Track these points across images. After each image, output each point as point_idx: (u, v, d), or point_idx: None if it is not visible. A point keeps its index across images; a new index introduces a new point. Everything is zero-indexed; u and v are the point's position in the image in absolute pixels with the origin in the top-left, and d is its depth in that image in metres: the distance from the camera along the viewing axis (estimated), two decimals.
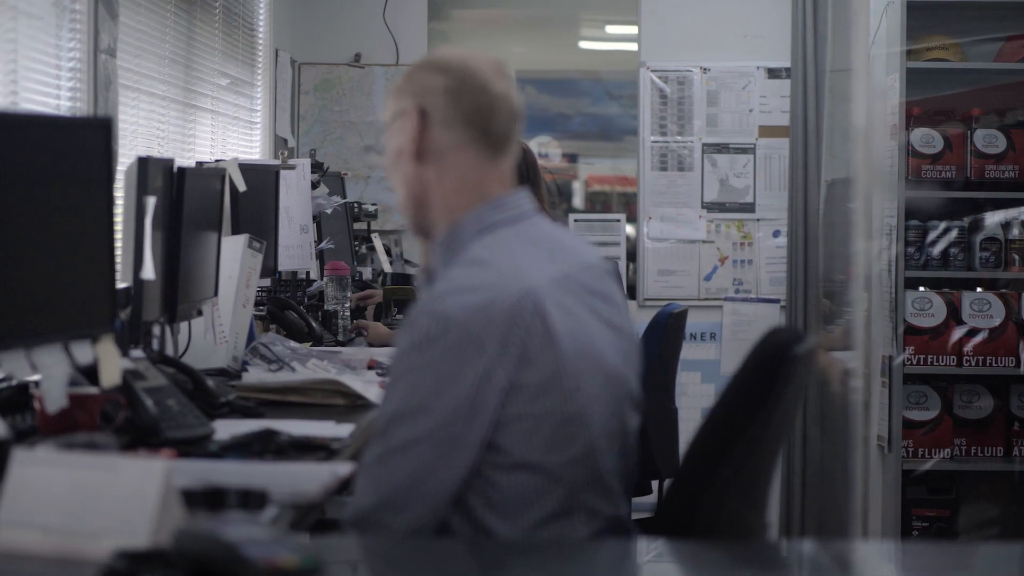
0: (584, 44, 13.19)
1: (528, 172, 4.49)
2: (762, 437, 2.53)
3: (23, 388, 3.11)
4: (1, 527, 2.10)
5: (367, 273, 6.81)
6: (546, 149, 12.67)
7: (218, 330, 4.24)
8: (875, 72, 6.71)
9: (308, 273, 5.73)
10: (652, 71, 7.66)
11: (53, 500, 2.09)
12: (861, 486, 6.18)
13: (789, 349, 2.52)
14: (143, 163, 3.56)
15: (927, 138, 6.43)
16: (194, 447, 3.01)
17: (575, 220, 7.89)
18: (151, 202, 3.54)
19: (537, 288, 2.43)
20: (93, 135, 2.85)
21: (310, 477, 2.60)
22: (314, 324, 5.09)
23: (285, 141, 7.08)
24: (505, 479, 2.44)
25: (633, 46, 8.00)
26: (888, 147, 6.44)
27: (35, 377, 2.78)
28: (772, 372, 2.49)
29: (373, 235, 6.82)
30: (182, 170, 3.85)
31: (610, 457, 2.53)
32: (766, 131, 7.64)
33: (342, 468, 2.73)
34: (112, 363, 2.84)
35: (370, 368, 4.33)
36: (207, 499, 2.29)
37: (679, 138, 7.63)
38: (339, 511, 3.06)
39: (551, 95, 14.13)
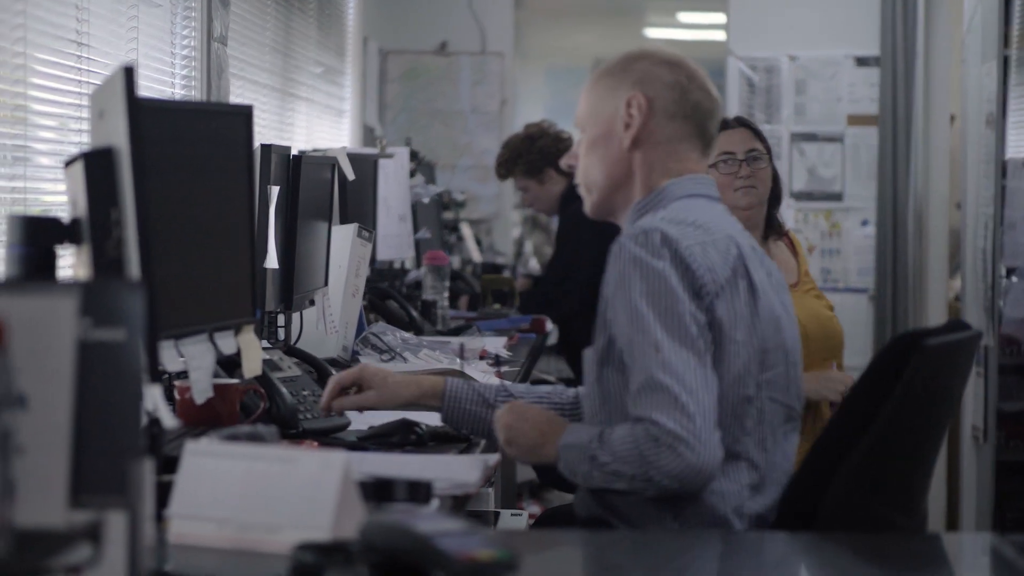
0: (651, 32, 13.14)
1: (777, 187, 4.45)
2: (890, 430, 2.47)
3: None
4: (174, 519, 2.08)
5: (455, 262, 6.78)
6: None
7: (328, 320, 4.21)
8: (970, 60, 6.62)
9: (404, 262, 5.70)
10: (740, 59, 7.61)
11: (227, 492, 2.06)
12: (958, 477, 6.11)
13: (920, 340, 2.46)
14: (266, 150, 3.54)
15: None
16: (332, 438, 2.99)
17: None
18: (275, 191, 3.53)
19: (740, 241, 2.55)
20: (234, 123, 2.82)
21: (466, 468, 2.57)
22: (415, 314, 5.06)
23: (372, 130, 7.05)
24: None
25: (706, 34, 7.98)
26: (984, 136, 6.35)
27: (174, 368, 2.76)
28: (899, 363, 2.44)
29: (462, 224, 6.78)
30: (298, 158, 3.83)
31: (776, 418, 2.56)
32: (855, 120, 7.58)
33: (491, 458, 2.70)
34: (254, 353, 2.81)
35: (482, 358, 4.30)
36: (375, 491, 2.26)
37: (767, 127, 7.58)
38: (477, 504, 3.04)
39: None
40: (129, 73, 2.13)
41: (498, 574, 1.82)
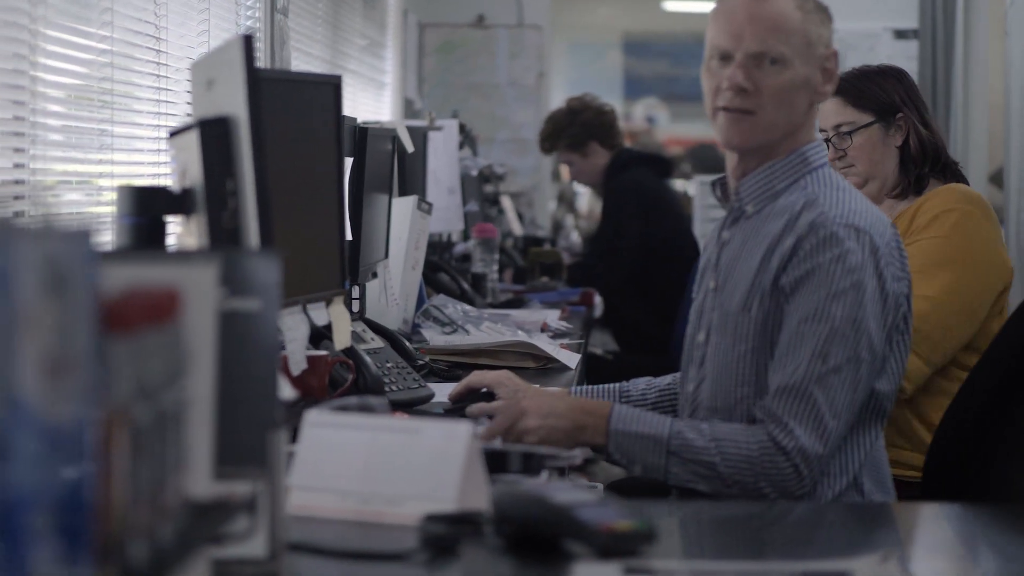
0: (671, 5, 13.11)
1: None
2: None
3: None
4: (295, 490, 2.07)
5: None
6: (654, 112, 12.60)
7: (389, 292, 4.21)
8: (1013, 34, 6.60)
9: (451, 235, 5.69)
10: None
11: (349, 463, 2.05)
12: None
13: None
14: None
15: None
16: (417, 409, 2.98)
17: (701, 183, 7.82)
18: (348, 162, 3.52)
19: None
20: (323, 93, 2.81)
21: None
22: (466, 287, 5.06)
23: (412, 103, 7.04)
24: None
25: None
26: None
27: None
28: None
29: (503, 197, 6.78)
30: (363, 130, 3.82)
31: None
32: None
33: None
34: (343, 325, 2.80)
35: (543, 331, 4.30)
36: (489, 462, 2.25)
37: None
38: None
39: (636, 57, 14.08)
40: (247, 42, 2.12)
41: (638, 544, 1.82)
